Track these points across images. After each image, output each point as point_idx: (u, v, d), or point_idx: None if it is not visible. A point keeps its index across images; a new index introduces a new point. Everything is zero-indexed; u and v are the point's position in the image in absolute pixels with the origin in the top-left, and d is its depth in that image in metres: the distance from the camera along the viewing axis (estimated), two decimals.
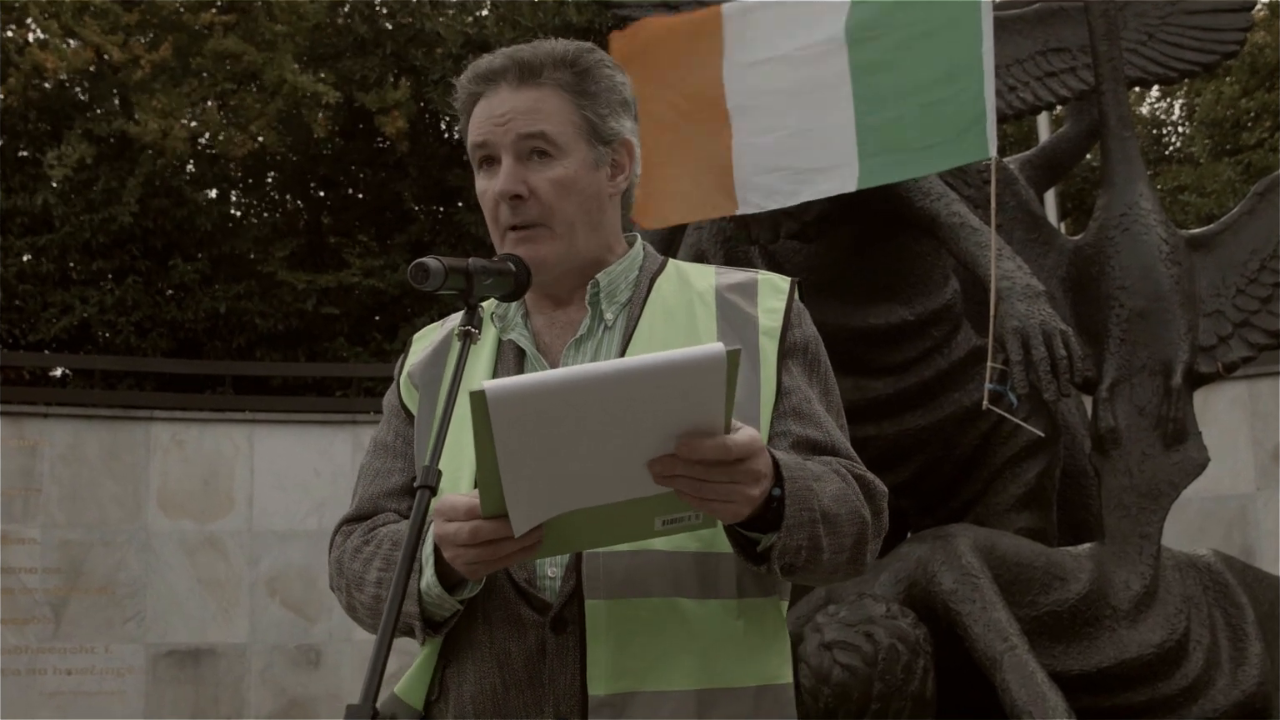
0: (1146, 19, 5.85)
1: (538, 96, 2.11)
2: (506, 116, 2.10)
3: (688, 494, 1.82)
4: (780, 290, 2.21)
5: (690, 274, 2.23)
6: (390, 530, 2.13)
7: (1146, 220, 5.19)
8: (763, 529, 1.94)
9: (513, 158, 2.10)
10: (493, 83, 2.13)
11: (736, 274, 2.24)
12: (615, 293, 2.17)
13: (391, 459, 2.23)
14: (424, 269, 1.93)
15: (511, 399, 1.70)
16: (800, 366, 2.19)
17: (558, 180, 2.10)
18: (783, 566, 1.96)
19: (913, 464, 5.43)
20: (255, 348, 18.12)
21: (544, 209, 2.10)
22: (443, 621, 2.03)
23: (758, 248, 5.28)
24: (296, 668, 12.83)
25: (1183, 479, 5.03)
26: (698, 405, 1.76)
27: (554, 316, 2.19)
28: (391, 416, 2.26)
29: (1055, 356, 4.65)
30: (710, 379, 1.74)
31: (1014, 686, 4.43)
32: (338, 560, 2.18)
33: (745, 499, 1.84)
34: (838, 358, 5.92)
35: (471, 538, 1.85)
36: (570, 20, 18.35)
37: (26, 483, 12.47)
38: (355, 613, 2.15)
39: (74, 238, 17.36)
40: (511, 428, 1.72)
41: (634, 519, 1.88)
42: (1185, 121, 22.73)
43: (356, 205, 20.78)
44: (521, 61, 2.12)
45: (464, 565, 1.88)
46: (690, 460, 1.78)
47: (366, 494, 2.22)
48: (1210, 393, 8.89)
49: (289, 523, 12.89)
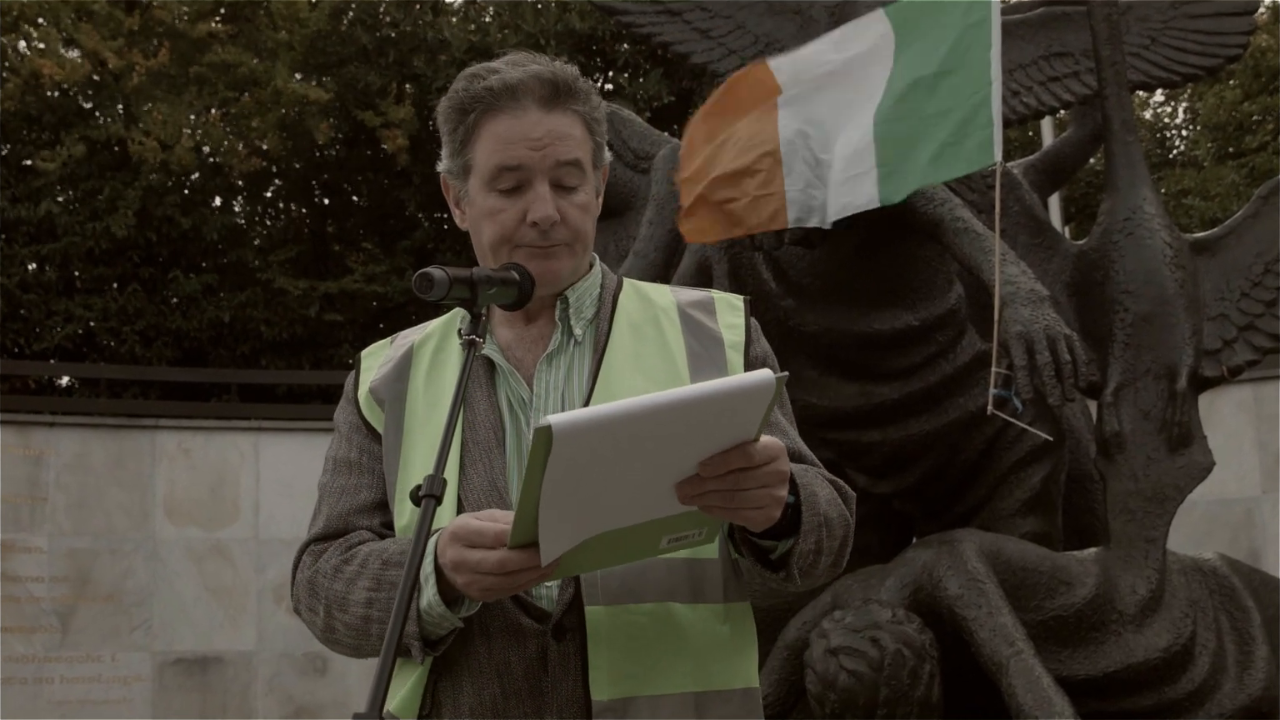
0: (1149, 23, 5.86)
1: (567, 121, 2.12)
2: (543, 141, 2.10)
3: (719, 508, 1.84)
4: (736, 308, 2.25)
5: (648, 291, 2.27)
6: (375, 548, 2.10)
7: (1150, 224, 5.19)
8: (775, 536, 1.98)
9: (548, 184, 2.11)
10: (516, 99, 2.10)
11: (693, 292, 2.29)
12: (582, 309, 2.19)
13: (358, 475, 2.21)
14: (429, 279, 1.94)
15: (576, 433, 1.70)
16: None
17: (583, 206, 2.14)
18: (801, 571, 2.00)
19: (918, 469, 5.43)
20: (260, 356, 18.13)
21: (571, 232, 2.13)
22: (439, 640, 2.02)
23: (762, 254, 5.29)
24: (303, 675, 12.83)
25: (1188, 483, 5.03)
26: (735, 429, 1.80)
27: (523, 331, 2.19)
28: (352, 434, 2.24)
29: (1059, 361, 4.65)
30: (757, 404, 1.78)
31: (1020, 691, 4.43)
32: (309, 581, 2.14)
33: (775, 501, 1.87)
34: (843, 363, 5.91)
35: (499, 567, 1.85)
36: (573, 26, 18.36)
37: (33, 492, 12.48)
38: (333, 634, 2.11)
39: (77, 246, 17.38)
40: (567, 462, 1.72)
41: (644, 539, 1.90)
42: (1189, 125, 22.73)
43: (360, 212, 20.79)
44: (545, 80, 2.11)
45: (479, 591, 1.88)
46: (720, 474, 1.80)
47: (334, 512, 2.20)
48: (1215, 396, 8.89)
49: (295, 530, 12.87)
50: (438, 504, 1.84)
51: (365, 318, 18.78)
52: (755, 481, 1.83)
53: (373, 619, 2.04)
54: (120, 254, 17.77)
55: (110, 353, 17.41)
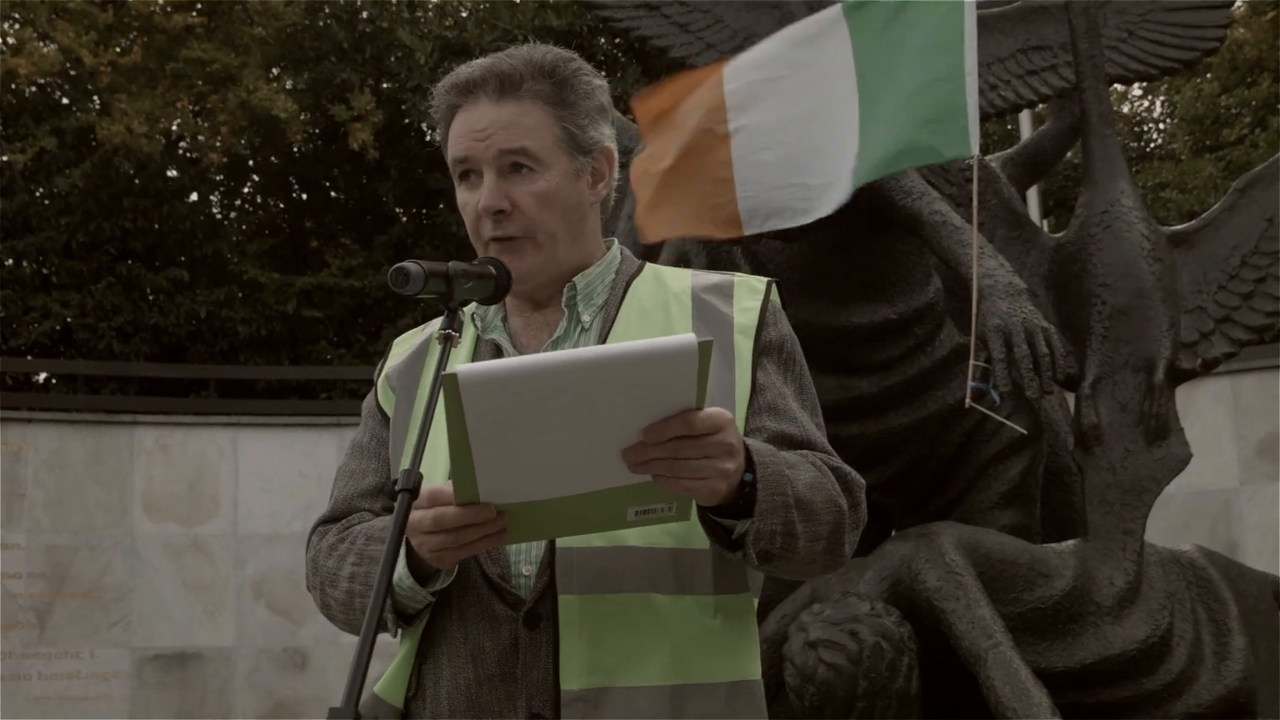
0: (1127, 16, 5.87)
1: (518, 110, 2.13)
2: (487, 131, 2.12)
3: (664, 476, 1.84)
4: (756, 291, 2.23)
5: (667, 276, 2.26)
6: (364, 527, 2.15)
7: (1128, 217, 5.21)
8: (737, 516, 1.96)
9: (494, 173, 2.12)
10: (471, 95, 2.14)
11: (713, 276, 2.27)
12: (592, 295, 2.19)
13: (366, 460, 2.26)
14: (404, 273, 1.94)
15: (482, 382, 1.73)
16: (775, 364, 2.20)
17: (539, 194, 2.13)
18: (759, 553, 1.97)
19: (897, 462, 5.44)
20: (238, 352, 18.07)
21: (527, 222, 2.12)
22: (415, 614, 2.05)
23: (740, 249, 5.29)
24: (283, 670, 12.80)
25: (1165, 475, 5.05)
26: (670, 396, 1.79)
27: (531, 318, 2.21)
28: (368, 419, 2.29)
29: (1037, 354, 4.66)
30: (682, 369, 1.76)
31: (998, 684, 4.44)
32: (313, 559, 2.20)
33: (719, 473, 1.85)
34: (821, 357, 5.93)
35: (435, 524, 1.87)
36: (550, 23, 18.31)
37: (11, 488, 12.43)
38: (329, 610, 2.17)
39: (53, 241, 17.30)
40: (483, 412, 1.74)
41: (606, 509, 1.90)
42: (1166, 118, 22.79)
43: (338, 207, 20.73)
44: (500, 73, 2.13)
45: (430, 552, 1.91)
46: (661, 441, 1.80)
47: (342, 495, 2.25)
48: (1193, 388, 8.93)
49: (274, 525, 12.87)
50: (412, 498, 1.85)
51: (344, 314, 18.72)
52: (697, 451, 1.82)
53: (355, 593, 2.09)
54: (97, 249, 17.69)
55: (88, 348, 17.33)
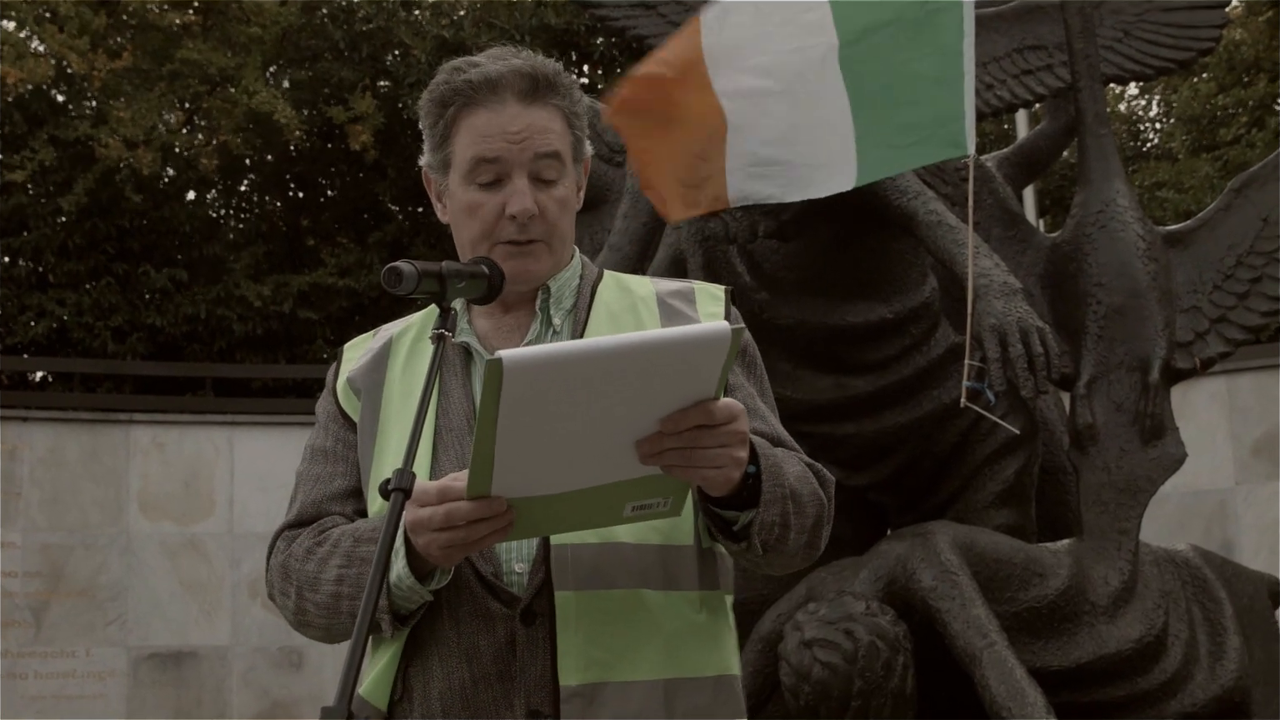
0: (1122, 16, 5.87)
1: (548, 115, 2.14)
2: (522, 134, 2.11)
3: (679, 466, 1.86)
4: (717, 297, 2.26)
5: (629, 282, 2.28)
6: (347, 528, 2.13)
7: (1124, 217, 5.21)
8: (738, 507, 1.99)
9: (526, 176, 2.12)
10: (495, 93, 2.12)
11: (674, 283, 2.30)
12: (561, 299, 2.21)
13: (332, 464, 2.24)
14: (397, 273, 1.95)
15: (528, 367, 1.72)
16: (742, 367, 2.24)
17: (561, 200, 2.15)
18: (761, 543, 2.01)
19: (892, 461, 5.44)
20: (235, 351, 18.06)
21: (548, 227, 2.14)
22: (410, 614, 2.04)
23: (736, 247, 5.29)
24: (279, 669, 12.80)
25: (1161, 474, 5.05)
26: (693, 384, 1.80)
27: (502, 320, 2.21)
28: (329, 423, 2.27)
29: (1033, 353, 4.66)
30: (713, 356, 1.78)
31: (993, 683, 4.44)
32: (282, 565, 2.18)
33: (734, 462, 1.88)
34: (817, 356, 5.90)
35: (446, 520, 1.86)
36: (548, 21, 18.30)
37: (7, 486, 12.42)
38: (305, 616, 2.15)
39: (49, 240, 17.28)
40: (521, 398, 1.73)
41: (606, 504, 1.91)
42: (1162, 118, 22.80)
43: (334, 206, 20.71)
44: (525, 74, 2.13)
45: (439, 550, 1.90)
46: (680, 430, 1.82)
47: (309, 499, 2.24)
48: (1188, 388, 8.93)
49: (270, 524, 12.64)
50: (406, 498, 1.85)
51: (340, 313, 18.72)
52: (714, 440, 1.85)
53: (343, 595, 2.06)
54: (94, 248, 17.67)
55: (84, 347, 17.32)
